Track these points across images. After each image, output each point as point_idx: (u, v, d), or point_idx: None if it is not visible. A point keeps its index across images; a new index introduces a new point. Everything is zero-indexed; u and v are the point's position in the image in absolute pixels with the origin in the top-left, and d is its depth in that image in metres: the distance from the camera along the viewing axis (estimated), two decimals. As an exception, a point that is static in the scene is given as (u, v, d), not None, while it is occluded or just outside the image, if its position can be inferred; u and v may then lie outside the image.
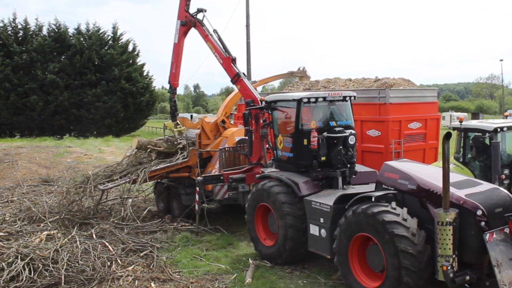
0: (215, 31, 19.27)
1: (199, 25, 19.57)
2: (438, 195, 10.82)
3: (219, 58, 18.85)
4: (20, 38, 68.48)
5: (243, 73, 18.71)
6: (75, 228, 16.70)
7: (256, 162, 17.28)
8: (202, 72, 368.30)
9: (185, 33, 20.32)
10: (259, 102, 17.25)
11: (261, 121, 16.74)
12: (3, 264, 13.10)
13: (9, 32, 68.60)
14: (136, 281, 12.98)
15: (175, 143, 20.02)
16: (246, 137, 17.38)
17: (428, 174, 11.74)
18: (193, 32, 19.98)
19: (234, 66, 18.64)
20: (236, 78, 18.43)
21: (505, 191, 11.39)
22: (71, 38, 70.45)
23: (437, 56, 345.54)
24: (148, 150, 19.68)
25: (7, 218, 18.11)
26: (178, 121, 21.08)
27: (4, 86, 63.22)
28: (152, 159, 19.53)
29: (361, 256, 11.68)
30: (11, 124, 64.42)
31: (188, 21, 19.91)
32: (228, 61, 18.61)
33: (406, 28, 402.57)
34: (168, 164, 19.06)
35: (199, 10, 19.76)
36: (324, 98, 14.48)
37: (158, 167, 18.88)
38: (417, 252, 10.38)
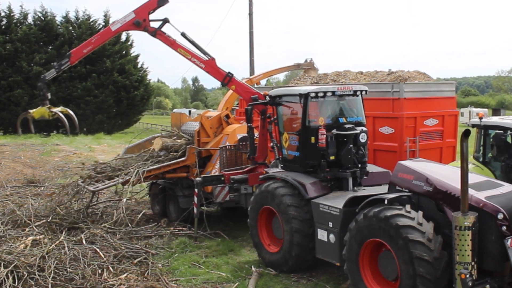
0: (183, 34, 18.63)
1: (161, 33, 18.70)
2: (456, 198, 10.83)
3: (200, 62, 18.45)
4: (3, 27, 68.55)
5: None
6: (63, 233, 16.73)
7: (262, 161, 17.33)
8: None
9: (128, 30, 19.70)
10: (263, 96, 17.27)
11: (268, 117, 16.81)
12: (-15, 272, 13.14)
13: (-9, 20, 68.78)
14: (130, 290, 13.05)
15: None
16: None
17: (446, 174, 11.75)
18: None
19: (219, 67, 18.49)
20: (227, 78, 18.29)
21: (529, 193, 11.39)
22: (58, 27, 70.68)
23: (456, 47, 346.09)
24: (170, 152, 19.66)
25: (-10, 222, 18.15)
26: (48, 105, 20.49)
27: (-14, 79, 63.38)
28: (168, 157, 19.61)
29: (373, 263, 11.70)
30: (-5, 119, 64.60)
31: (143, 28, 18.74)
32: (212, 63, 18.34)
33: (422, 17, 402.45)
34: (164, 164, 19.08)
35: (164, 21, 18.65)
36: (333, 93, 14.49)
37: (154, 167, 18.92)
38: (433, 259, 10.40)
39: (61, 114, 19.83)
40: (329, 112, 14.71)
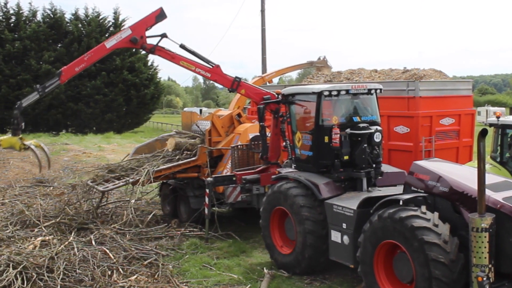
0: (182, 46, 18.41)
1: (160, 48, 18.30)
2: (472, 199, 10.79)
3: (205, 72, 18.30)
4: (12, 25, 68.94)
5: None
6: (73, 233, 16.77)
7: (274, 161, 17.32)
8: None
9: (123, 47, 19.19)
10: (275, 96, 17.26)
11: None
12: (-6, 272, 13.22)
13: (0, 17, 69.03)
14: (140, 292, 13.07)
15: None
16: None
17: (462, 175, 11.71)
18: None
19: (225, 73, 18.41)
20: (236, 83, 18.14)
21: (548, 194, 11.33)
22: (68, 24, 70.96)
23: (472, 44, 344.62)
24: (184, 151, 19.72)
25: (-2, 223, 18.24)
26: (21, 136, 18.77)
27: (-5, 77, 63.63)
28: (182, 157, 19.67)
29: (388, 265, 11.68)
30: (2, 119, 64.57)
31: (141, 46, 18.34)
32: (217, 70, 18.19)
33: (438, 14, 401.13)
34: (175, 164, 19.10)
35: (162, 36, 18.27)
36: (347, 91, 14.46)
37: (164, 167, 18.94)
38: (450, 261, 10.36)
39: (34, 147, 18.99)
40: (343, 111, 14.68)
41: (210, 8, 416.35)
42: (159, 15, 18.40)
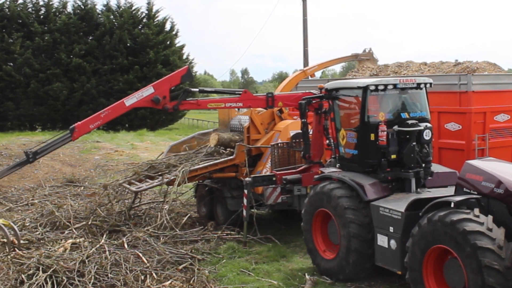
0: (201, 90, 18.97)
1: (183, 102, 18.09)
2: (530, 201, 10.68)
3: (236, 103, 18.31)
4: (41, 17, 69.72)
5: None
6: (104, 236, 16.98)
7: (317, 160, 17.27)
8: (250, 55, 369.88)
9: (143, 106, 18.99)
10: (313, 94, 17.22)
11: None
12: (23, 276, 13.41)
13: (30, 9, 69.92)
14: (174, 297, 13.15)
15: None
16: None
17: (519, 175, 11.59)
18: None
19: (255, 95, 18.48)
20: (270, 99, 18.05)
21: None
22: (99, 16, 71.54)
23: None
24: (227, 148, 19.80)
25: (27, 224, 18.50)
26: None
27: (24, 71, 64.37)
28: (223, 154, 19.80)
29: (438, 272, 11.61)
30: (32, 115, 65.51)
31: (162, 107, 17.88)
32: (247, 95, 18.16)
33: (492, 2, 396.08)
34: (211, 163, 19.15)
35: (184, 92, 17.99)
36: (395, 86, 14.39)
37: (199, 166, 19.02)
38: (505, 268, 10.26)
39: (2, 226, 18.74)
40: (390, 107, 14.60)
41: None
42: (185, 75, 18.30)
